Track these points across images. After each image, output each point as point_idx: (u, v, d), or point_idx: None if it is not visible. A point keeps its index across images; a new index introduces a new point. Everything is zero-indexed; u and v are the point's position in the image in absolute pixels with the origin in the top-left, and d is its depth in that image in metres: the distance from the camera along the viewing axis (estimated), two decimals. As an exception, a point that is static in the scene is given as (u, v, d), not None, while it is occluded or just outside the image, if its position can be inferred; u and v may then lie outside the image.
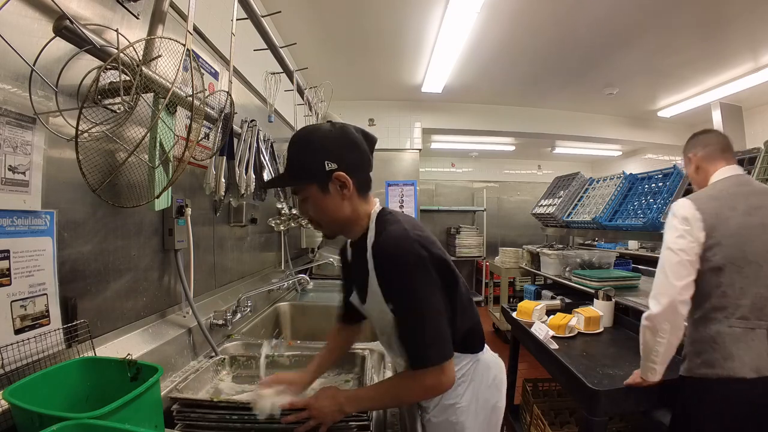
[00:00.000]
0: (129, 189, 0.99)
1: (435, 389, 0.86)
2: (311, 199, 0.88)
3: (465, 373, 0.96)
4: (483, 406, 0.98)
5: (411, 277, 0.80)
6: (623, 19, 2.76)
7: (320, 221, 0.93)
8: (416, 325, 0.81)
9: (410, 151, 4.67)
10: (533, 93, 4.39)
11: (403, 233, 0.83)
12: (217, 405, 0.87)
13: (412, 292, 0.81)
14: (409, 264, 0.80)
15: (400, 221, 0.87)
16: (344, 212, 0.89)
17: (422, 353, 0.81)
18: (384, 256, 0.84)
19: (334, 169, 0.84)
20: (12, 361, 0.71)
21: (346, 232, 0.95)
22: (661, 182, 2.60)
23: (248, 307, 1.63)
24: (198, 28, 1.47)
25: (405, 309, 0.83)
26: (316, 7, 2.64)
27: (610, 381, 1.44)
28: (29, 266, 0.76)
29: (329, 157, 0.84)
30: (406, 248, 0.81)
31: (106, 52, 0.84)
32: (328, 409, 0.83)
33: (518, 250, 4.15)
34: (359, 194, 0.89)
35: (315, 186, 0.86)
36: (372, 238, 0.88)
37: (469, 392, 0.96)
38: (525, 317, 2.18)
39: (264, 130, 1.83)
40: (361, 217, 0.91)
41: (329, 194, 0.86)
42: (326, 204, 0.87)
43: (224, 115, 1.29)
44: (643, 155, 6.01)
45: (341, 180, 0.84)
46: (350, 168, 0.85)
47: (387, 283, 0.84)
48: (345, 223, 0.92)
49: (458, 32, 2.87)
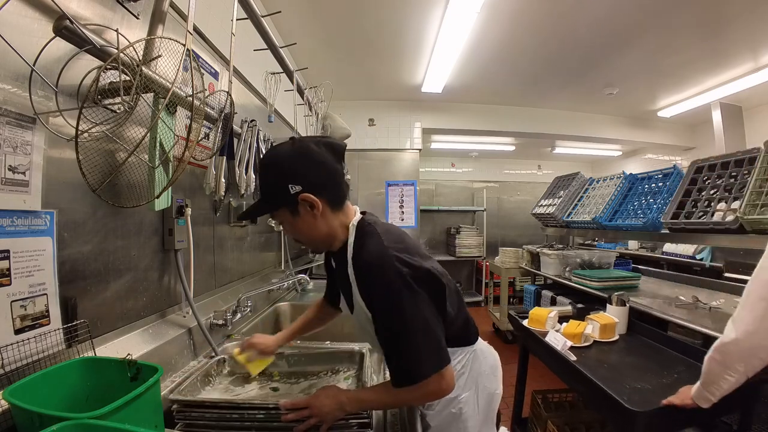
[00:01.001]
0: (129, 189, 1.00)
1: (436, 395, 0.87)
2: (285, 222, 0.90)
3: (464, 365, 1.00)
4: (482, 394, 1.01)
5: (394, 296, 0.79)
6: (623, 19, 2.76)
7: (300, 241, 0.94)
8: (409, 341, 0.80)
9: (410, 151, 4.67)
10: (533, 93, 4.39)
11: (382, 250, 0.82)
12: (217, 405, 0.87)
13: (397, 314, 0.79)
14: (391, 284, 0.79)
15: (379, 234, 0.86)
16: (320, 230, 0.88)
17: (420, 367, 0.81)
18: (365, 276, 0.84)
19: (298, 191, 0.83)
20: (12, 361, 0.71)
21: (327, 246, 0.95)
22: (661, 182, 2.60)
23: (248, 307, 1.63)
24: (198, 28, 1.47)
25: (391, 329, 0.82)
26: (316, 7, 2.64)
27: (641, 398, 1.29)
28: (29, 266, 0.76)
29: (292, 180, 0.83)
30: (386, 268, 0.80)
31: (106, 52, 0.84)
32: (329, 408, 0.84)
33: (518, 250, 4.15)
34: (332, 209, 0.89)
35: (286, 210, 0.87)
36: (351, 252, 0.88)
37: (470, 383, 1.00)
38: (538, 326, 2.01)
39: (264, 130, 1.83)
40: (338, 230, 0.91)
41: (300, 216, 0.86)
42: (300, 225, 0.88)
43: (224, 115, 1.30)
44: (643, 155, 6.01)
45: (308, 201, 0.84)
46: (316, 187, 0.84)
47: (371, 301, 0.84)
48: (325, 240, 0.92)
49: (458, 32, 2.87)
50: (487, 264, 4.89)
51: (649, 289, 2.69)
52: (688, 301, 2.24)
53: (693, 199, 2.16)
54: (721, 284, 2.63)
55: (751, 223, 1.73)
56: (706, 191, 2.13)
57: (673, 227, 2.20)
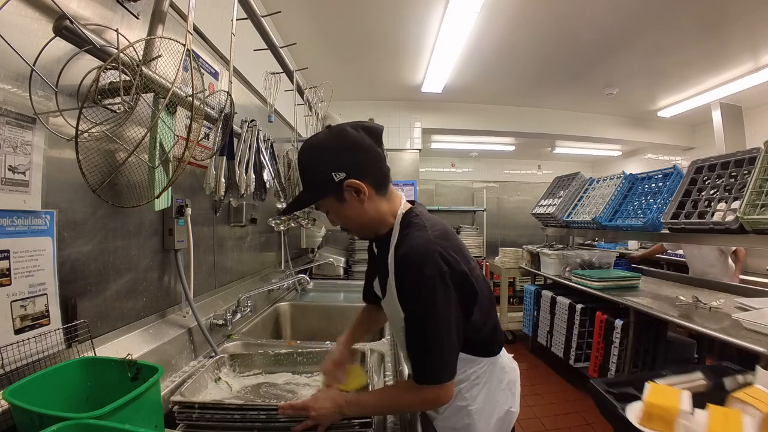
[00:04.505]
0: (129, 189, 0.99)
1: (433, 403, 0.87)
2: (332, 211, 0.89)
3: (480, 375, 0.94)
4: (495, 408, 0.96)
5: (429, 293, 0.78)
6: (623, 19, 2.76)
7: (349, 229, 0.93)
8: (427, 341, 0.80)
9: (410, 151, 4.67)
10: (533, 93, 4.39)
11: (426, 244, 0.81)
12: (218, 405, 0.87)
13: (427, 308, 0.79)
14: (428, 279, 0.78)
15: (425, 227, 0.85)
16: (369, 215, 0.88)
17: (428, 371, 0.81)
18: (404, 266, 0.82)
19: (343, 178, 0.82)
20: (12, 361, 0.71)
21: (375, 232, 0.94)
22: (661, 182, 2.60)
23: (248, 307, 1.63)
24: (198, 28, 1.47)
25: (418, 323, 0.81)
26: (316, 7, 2.64)
27: None
28: (29, 266, 0.76)
29: (334, 167, 0.82)
30: (428, 262, 0.78)
31: (106, 52, 0.84)
32: (328, 411, 0.83)
33: (518, 250, 4.15)
34: (378, 193, 0.88)
35: (332, 198, 0.86)
36: (395, 240, 0.87)
37: (483, 394, 0.94)
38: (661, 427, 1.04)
39: (264, 130, 1.83)
40: (386, 216, 0.90)
41: (347, 203, 0.85)
42: (348, 212, 0.87)
43: (224, 115, 1.29)
44: (643, 155, 6.01)
45: (354, 186, 0.83)
46: (359, 171, 0.83)
47: (404, 292, 0.83)
48: (373, 225, 0.91)
49: (458, 32, 2.87)
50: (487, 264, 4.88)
51: (649, 289, 2.69)
52: (688, 301, 2.24)
53: (693, 199, 2.16)
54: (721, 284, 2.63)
55: (751, 223, 1.73)
56: (706, 191, 2.13)
57: (673, 227, 2.21)
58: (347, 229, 0.94)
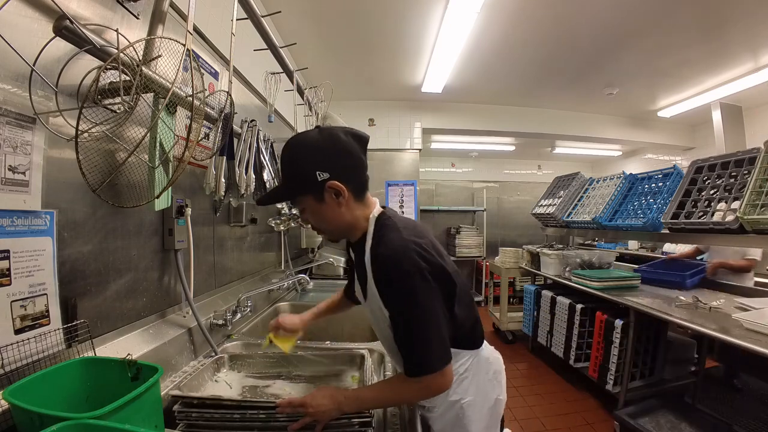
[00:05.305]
0: (129, 189, 0.99)
1: (435, 391, 0.87)
2: (308, 209, 0.90)
3: (467, 368, 0.98)
4: (485, 398, 1.01)
5: (410, 288, 0.80)
6: (623, 19, 2.76)
7: (321, 229, 0.94)
8: (418, 334, 0.81)
9: (410, 151, 4.67)
10: (533, 93, 4.39)
11: (402, 243, 0.82)
12: (218, 404, 0.87)
13: (412, 304, 0.80)
14: (408, 276, 0.80)
15: (399, 228, 0.87)
16: (343, 219, 0.89)
17: (425, 361, 0.81)
18: (383, 265, 0.83)
19: (326, 178, 0.83)
20: (12, 361, 0.71)
21: (347, 235, 0.96)
22: (661, 182, 2.60)
23: (248, 307, 1.63)
24: (198, 28, 1.47)
25: (404, 318, 0.83)
26: (316, 7, 2.64)
27: None
28: (29, 266, 0.76)
29: (320, 166, 0.83)
30: (405, 259, 0.80)
31: (106, 52, 0.84)
32: (326, 407, 0.83)
33: (518, 250, 4.15)
34: (356, 199, 0.90)
35: (310, 197, 0.87)
36: (370, 243, 0.89)
37: (473, 386, 0.99)
38: None
39: (264, 130, 1.83)
40: (360, 220, 0.92)
41: (325, 203, 0.86)
42: (324, 213, 0.88)
43: (224, 115, 1.29)
44: (643, 155, 6.01)
45: (335, 188, 0.84)
46: (343, 175, 0.85)
47: (386, 292, 0.85)
48: (347, 228, 0.93)
49: (458, 32, 2.87)
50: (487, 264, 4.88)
51: (649, 289, 2.69)
52: (688, 301, 2.24)
53: (693, 199, 2.16)
54: (721, 284, 2.63)
55: (751, 223, 1.73)
56: (706, 191, 2.13)
57: (673, 227, 2.21)
58: (319, 230, 0.95)
